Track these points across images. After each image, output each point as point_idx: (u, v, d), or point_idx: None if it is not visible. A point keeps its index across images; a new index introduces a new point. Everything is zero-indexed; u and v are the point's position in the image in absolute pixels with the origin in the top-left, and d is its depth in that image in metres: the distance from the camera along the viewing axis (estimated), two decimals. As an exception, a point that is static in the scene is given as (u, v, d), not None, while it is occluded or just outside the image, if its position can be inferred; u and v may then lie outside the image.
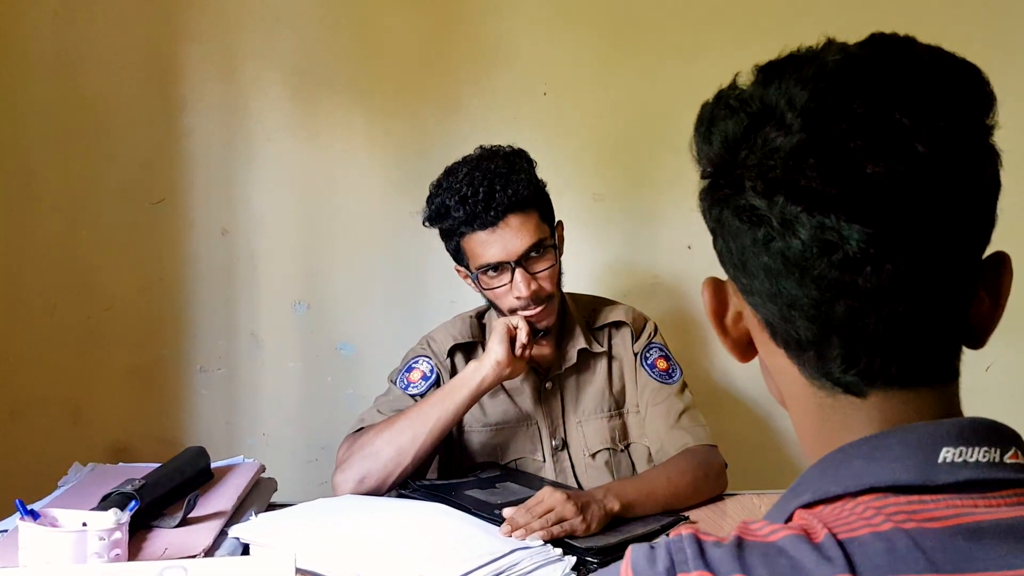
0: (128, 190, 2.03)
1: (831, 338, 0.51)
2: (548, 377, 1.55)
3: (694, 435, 1.51)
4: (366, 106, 2.08)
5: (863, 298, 0.49)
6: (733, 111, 0.52)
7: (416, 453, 1.40)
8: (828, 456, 0.52)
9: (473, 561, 1.10)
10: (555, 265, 1.48)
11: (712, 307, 0.59)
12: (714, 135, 0.53)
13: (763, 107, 0.51)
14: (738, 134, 0.51)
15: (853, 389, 0.52)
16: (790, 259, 0.50)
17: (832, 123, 0.48)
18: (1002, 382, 2.00)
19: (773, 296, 0.52)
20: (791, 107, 0.49)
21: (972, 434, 0.49)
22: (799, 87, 0.50)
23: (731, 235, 0.53)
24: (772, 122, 0.50)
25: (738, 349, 0.59)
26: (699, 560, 0.47)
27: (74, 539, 1.01)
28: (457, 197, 1.43)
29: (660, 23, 2.10)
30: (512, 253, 1.43)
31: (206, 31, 2.03)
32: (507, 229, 1.43)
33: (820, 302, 0.50)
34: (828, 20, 1.93)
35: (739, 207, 0.52)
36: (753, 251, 0.52)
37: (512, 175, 1.44)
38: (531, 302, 1.45)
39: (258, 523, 1.24)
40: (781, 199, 0.49)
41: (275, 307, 2.09)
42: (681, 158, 1.77)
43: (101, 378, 2.06)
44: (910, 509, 0.47)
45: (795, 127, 0.49)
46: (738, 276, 0.55)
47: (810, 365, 0.53)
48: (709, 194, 0.55)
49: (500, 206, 1.41)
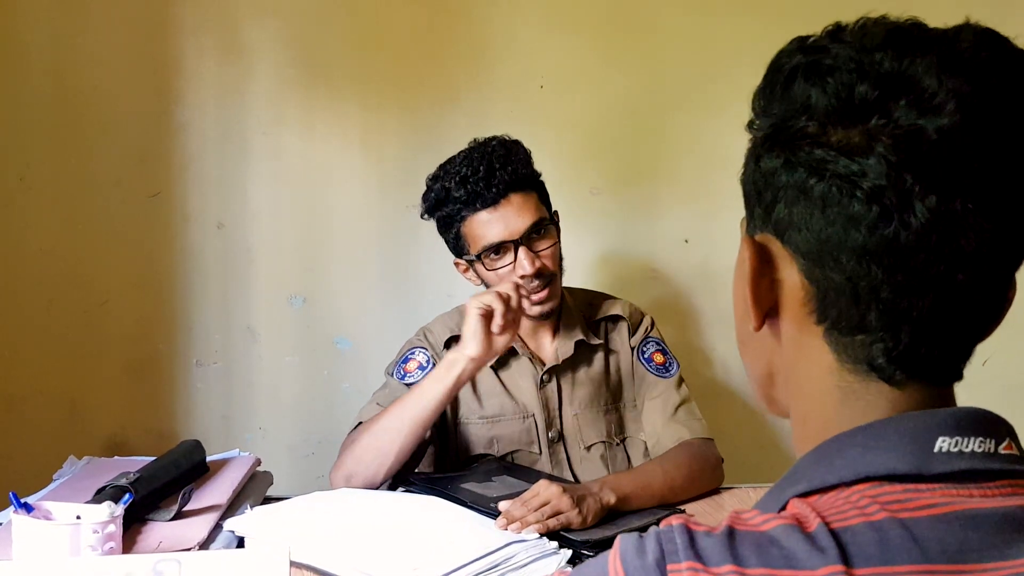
0: (124, 184, 2.03)
1: (901, 328, 0.49)
2: (545, 369, 1.55)
3: (691, 428, 1.51)
4: (362, 99, 2.07)
5: (955, 294, 0.48)
6: (860, 70, 0.48)
7: (398, 451, 1.39)
8: (823, 445, 0.51)
9: (469, 554, 1.10)
10: (557, 244, 1.49)
11: (753, 267, 0.54)
12: (830, 86, 0.48)
13: (901, 76, 0.47)
14: (872, 96, 0.47)
15: (894, 378, 0.51)
16: (899, 241, 0.47)
17: (986, 113, 0.46)
18: (999, 376, 2.00)
19: (855, 276, 0.48)
20: (941, 86, 0.46)
21: (968, 424, 0.49)
22: (945, 69, 0.47)
23: (816, 202, 0.49)
24: (912, 96, 0.47)
25: (758, 317, 0.55)
26: (689, 550, 0.46)
27: (68, 532, 1.01)
28: (457, 179, 1.44)
29: (657, 16, 2.09)
30: (515, 231, 1.44)
31: (201, 24, 2.02)
32: (509, 208, 1.44)
33: (908, 291, 0.48)
34: (826, 13, 1.92)
35: (848, 174, 0.47)
36: (847, 224, 0.48)
37: (511, 156, 1.46)
38: (534, 280, 1.45)
39: (253, 517, 1.24)
40: (910, 177, 0.46)
41: (271, 301, 2.09)
42: (678, 152, 1.78)
43: (97, 372, 2.05)
44: (905, 498, 0.47)
45: (949, 108, 0.46)
46: (807, 246, 0.50)
47: (852, 348, 0.51)
48: (791, 151, 0.50)
49: (501, 183, 1.43)
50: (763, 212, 0.53)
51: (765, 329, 0.56)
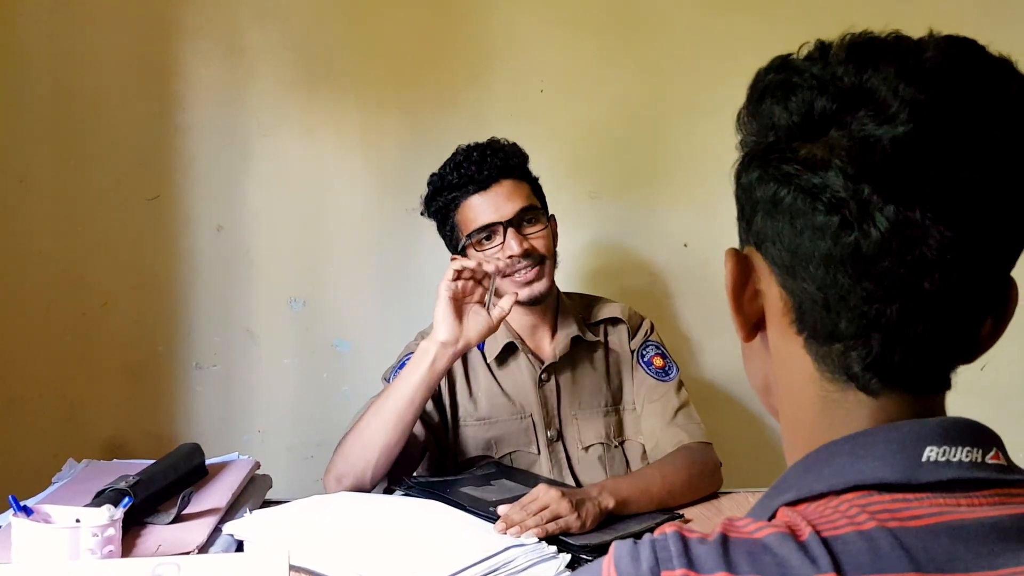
0: (123, 186, 2.03)
1: (871, 335, 0.50)
2: (544, 367, 1.55)
3: (689, 432, 1.51)
4: (362, 102, 2.07)
5: (921, 301, 0.49)
6: (821, 86, 0.49)
7: (382, 446, 1.37)
8: (812, 454, 0.52)
9: (468, 558, 1.10)
10: (547, 229, 1.53)
11: (734, 279, 0.55)
12: (793, 104, 0.50)
13: (859, 90, 0.48)
14: (829, 111, 0.49)
15: (869, 387, 0.52)
16: (861, 250, 0.48)
17: (940, 121, 0.47)
18: (997, 382, 2.00)
19: (824, 285, 0.50)
20: (896, 97, 0.47)
21: (955, 434, 0.49)
22: (902, 79, 0.48)
23: (786, 215, 0.50)
24: (870, 107, 0.48)
25: (746, 327, 0.56)
26: (683, 558, 0.46)
27: (67, 535, 1.01)
28: (452, 165, 1.52)
29: (658, 20, 2.10)
30: (504, 215, 1.48)
31: (201, 27, 2.03)
32: (499, 192, 1.49)
33: (874, 299, 0.49)
34: (825, 20, 1.93)
35: (810, 187, 0.49)
36: (813, 236, 0.49)
37: (505, 148, 1.54)
38: (523, 260, 1.47)
39: (252, 520, 1.24)
40: (867, 188, 0.47)
41: (271, 304, 2.09)
42: (678, 156, 1.78)
43: (96, 375, 2.05)
44: (894, 507, 0.47)
45: (902, 118, 0.47)
46: (781, 257, 0.52)
47: (830, 358, 0.52)
48: (763, 167, 0.52)
49: (493, 168, 1.49)
50: (746, 225, 0.55)
51: (757, 340, 0.57)
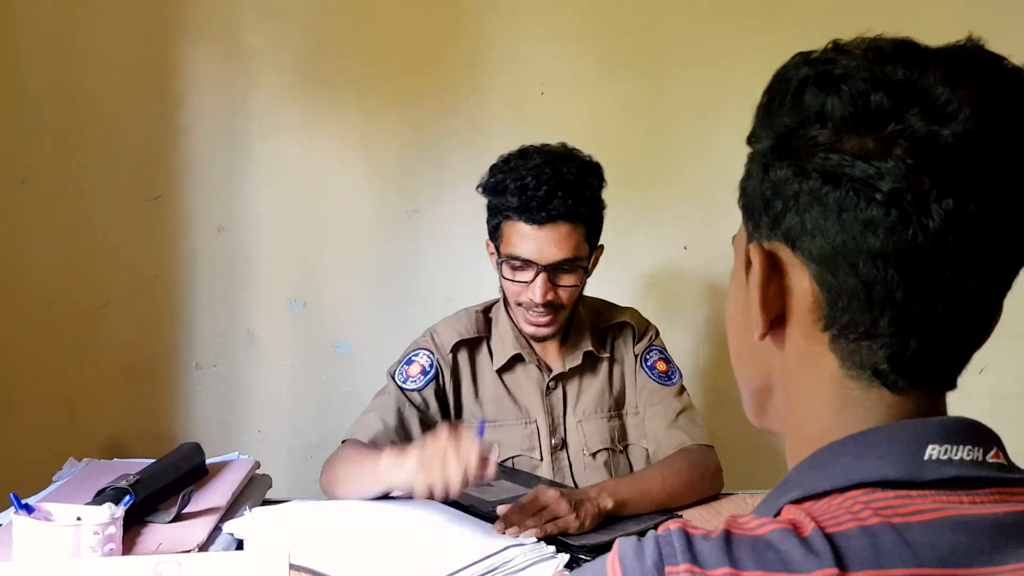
0: (124, 187, 2.04)
1: (911, 332, 0.50)
2: (552, 376, 1.55)
3: (691, 435, 1.51)
4: (363, 105, 2.08)
5: (966, 299, 0.49)
6: (875, 80, 0.49)
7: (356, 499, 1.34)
8: (818, 453, 0.52)
9: (467, 558, 1.11)
10: (579, 286, 1.48)
11: (762, 275, 0.54)
12: (846, 95, 0.49)
13: (912, 87, 0.48)
14: (886, 105, 0.48)
15: (897, 384, 0.52)
16: (916, 244, 0.47)
17: (999, 120, 0.48)
18: (996, 384, 2.00)
19: (870, 280, 0.49)
20: (954, 96, 0.47)
21: (957, 433, 0.50)
22: (955, 80, 0.48)
23: (831, 208, 0.49)
24: (925, 105, 0.48)
25: (765, 324, 0.55)
26: (687, 553, 0.47)
27: (68, 533, 1.01)
28: (519, 183, 1.41)
29: (657, 25, 2.10)
30: (544, 258, 1.42)
31: (203, 28, 2.03)
32: (551, 234, 1.41)
33: (922, 294, 0.49)
34: (825, 21, 1.93)
35: (865, 178, 0.48)
36: (863, 229, 0.48)
37: (578, 187, 1.43)
38: (540, 306, 1.45)
39: (252, 519, 1.24)
40: (928, 180, 0.47)
41: (271, 304, 2.09)
42: (677, 159, 1.78)
43: (97, 374, 2.06)
44: (897, 504, 0.48)
45: (963, 115, 0.47)
46: (820, 253, 0.50)
47: (858, 355, 0.52)
48: (801, 159, 0.51)
49: (554, 211, 1.40)
50: (771, 221, 0.53)
51: (767, 339, 0.56)
